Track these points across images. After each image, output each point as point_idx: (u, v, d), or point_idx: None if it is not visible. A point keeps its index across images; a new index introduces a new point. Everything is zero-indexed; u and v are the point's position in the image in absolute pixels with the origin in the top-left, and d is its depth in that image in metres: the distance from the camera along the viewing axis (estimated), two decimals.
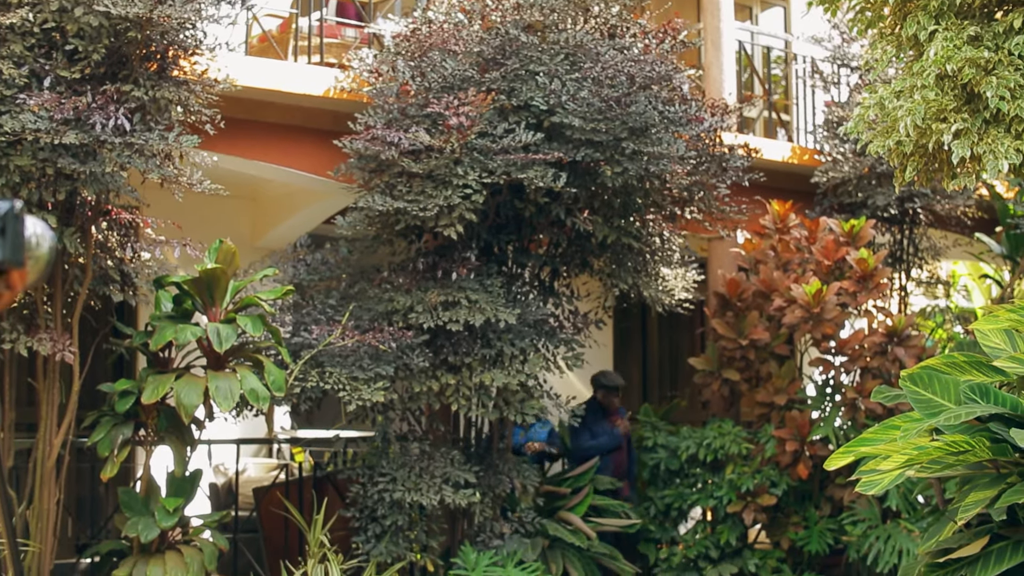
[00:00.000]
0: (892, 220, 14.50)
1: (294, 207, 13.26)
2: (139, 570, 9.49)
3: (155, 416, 9.71)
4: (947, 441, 6.15)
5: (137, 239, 9.75)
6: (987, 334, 6.74)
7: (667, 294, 11.95)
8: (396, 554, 10.57)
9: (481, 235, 10.94)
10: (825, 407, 12.66)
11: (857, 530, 12.22)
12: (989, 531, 6.37)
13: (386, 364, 10.24)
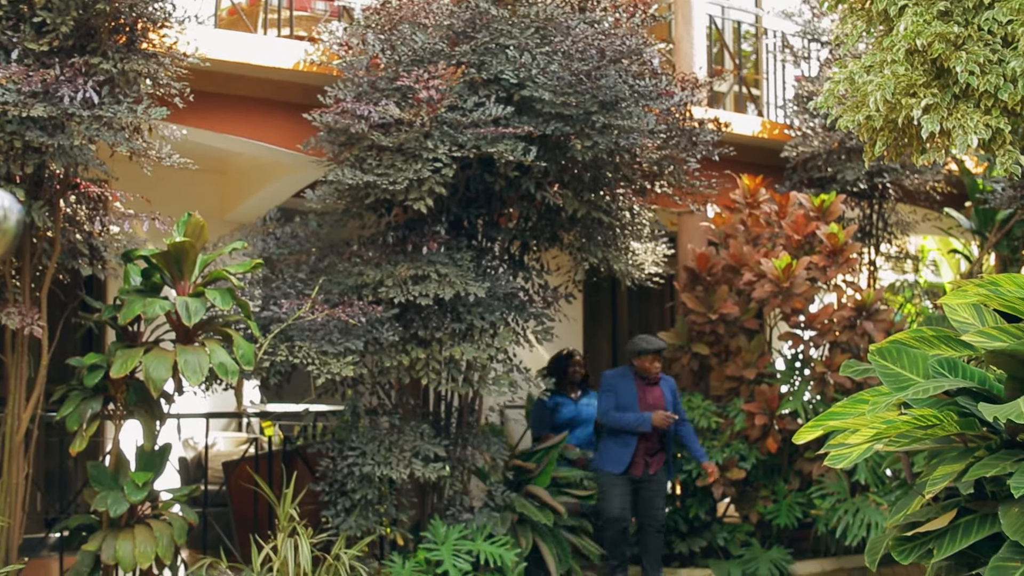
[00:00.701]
0: (862, 195, 14.53)
1: (263, 180, 13.22)
2: (108, 544, 9.48)
3: (124, 390, 9.68)
4: (915, 415, 6.17)
5: (106, 212, 9.70)
6: (956, 308, 6.75)
7: (637, 268, 11.96)
8: (366, 528, 10.57)
9: (451, 209, 10.93)
10: (794, 381, 12.70)
11: (826, 504, 12.28)
12: (957, 505, 6.40)
13: (356, 338, 10.22)
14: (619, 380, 11.95)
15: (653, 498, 11.88)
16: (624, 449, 11.79)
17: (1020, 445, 6.18)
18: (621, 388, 11.88)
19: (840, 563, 12.90)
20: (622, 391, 11.86)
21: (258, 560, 10.13)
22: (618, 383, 11.93)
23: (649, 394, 11.95)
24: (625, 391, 11.87)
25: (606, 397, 11.91)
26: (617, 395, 11.86)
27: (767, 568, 12.13)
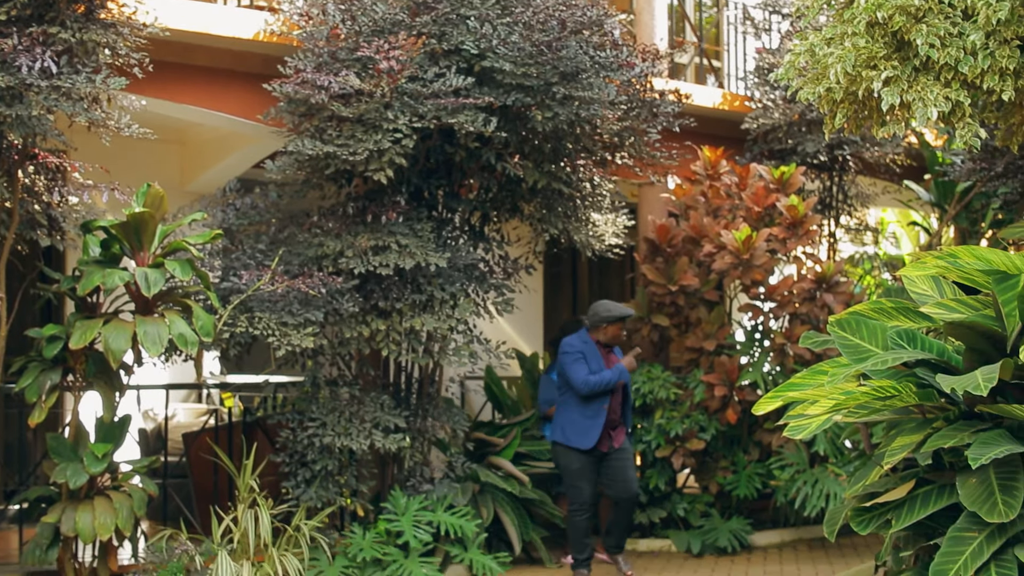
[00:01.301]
0: (822, 167, 14.57)
1: (223, 151, 13.18)
2: (68, 516, 9.45)
3: (83, 361, 9.65)
4: (874, 386, 6.20)
5: (64, 183, 9.65)
6: (915, 281, 6.78)
7: (597, 239, 11.97)
8: (326, 499, 10.58)
9: (411, 180, 10.91)
10: (754, 352, 12.73)
11: (785, 474, 12.33)
12: (915, 475, 6.44)
13: (316, 309, 10.21)
14: (587, 347, 11.24)
15: (625, 468, 11.29)
16: (593, 422, 11.10)
17: (978, 416, 6.22)
18: (590, 355, 11.20)
19: (799, 533, 12.97)
20: (591, 358, 11.20)
21: (218, 531, 10.13)
22: (587, 350, 11.22)
23: (611, 361, 11.38)
24: (594, 358, 11.22)
25: (578, 365, 11.11)
26: (588, 362, 11.17)
27: (726, 538, 12.18)
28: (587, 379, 11.04)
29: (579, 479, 11.14)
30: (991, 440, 5.91)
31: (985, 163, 11.84)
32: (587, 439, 11.07)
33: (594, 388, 11.04)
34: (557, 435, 11.26)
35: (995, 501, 5.89)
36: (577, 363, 11.13)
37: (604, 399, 11.15)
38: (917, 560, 6.59)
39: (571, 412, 11.21)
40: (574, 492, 11.19)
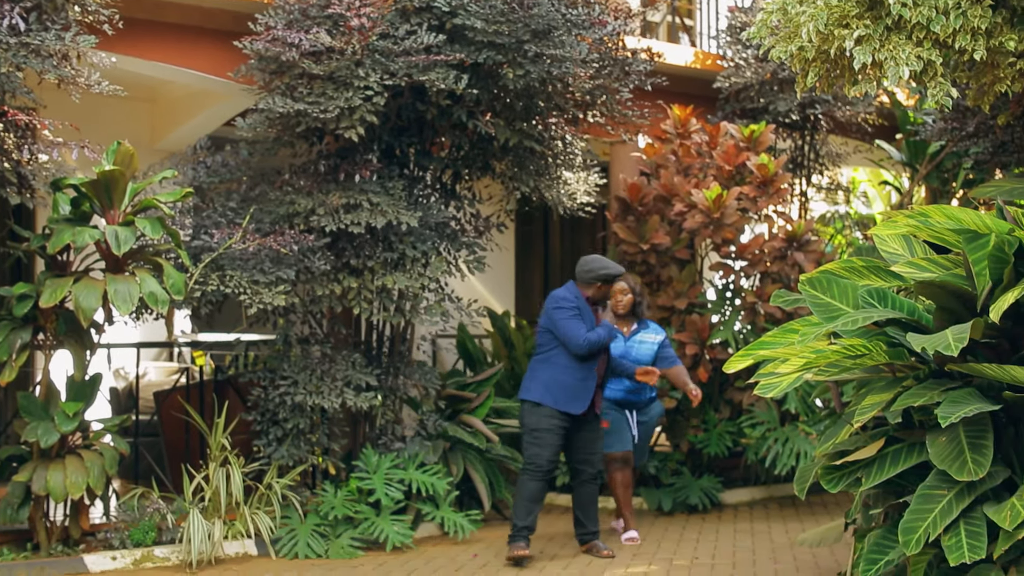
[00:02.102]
0: (793, 126, 14.58)
1: (194, 109, 13.12)
2: (39, 475, 9.44)
3: (54, 320, 9.62)
4: (845, 345, 6.22)
5: (34, 141, 9.60)
6: (885, 240, 6.80)
7: (569, 197, 11.97)
8: (298, 457, 10.59)
9: (383, 138, 10.89)
10: (725, 311, 12.75)
11: (756, 433, 12.38)
12: (885, 434, 6.47)
13: (287, 267, 10.19)
14: (580, 302, 10.32)
15: (594, 440, 10.49)
16: (585, 384, 10.28)
17: (948, 375, 6.25)
18: (584, 310, 10.31)
19: (770, 491, 13.03)
20: (585, 313, 10.32)
21: (190, 490, 10.14)
22: (581, 305, 10.32)
23: (597, 319, 10.47)
24: (587, 315, 10.33)
25: (576, 322, 10.17)
26: (583, 318, 10.28)
27: (697, 496, 12.22)
28: (588, 337, 10.13)
29: (545, 441, 10.15)
30: (961, 399, 5.94)
31: (956, 123, 11.86)
32: (579, 403, 10.20)
33: (593, 347, 10.15)
34: (537, 395, 10.21)
35: (964, 459, 5.92)
36: (574, 319, 10.22)
37: (596, 360, 10.30)
38: (887, 518, 6.63)
39: (559, 372, 10.23)
40: (535, 453, 10.16)
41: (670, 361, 11.30)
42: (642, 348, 11.23)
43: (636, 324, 11.32)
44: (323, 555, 10.20)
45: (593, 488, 10.49)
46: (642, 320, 11.38)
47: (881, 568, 6.25)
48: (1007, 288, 5.97)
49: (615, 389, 11.16)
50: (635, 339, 11.27)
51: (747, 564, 9.82)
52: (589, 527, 10.50)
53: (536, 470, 10.14)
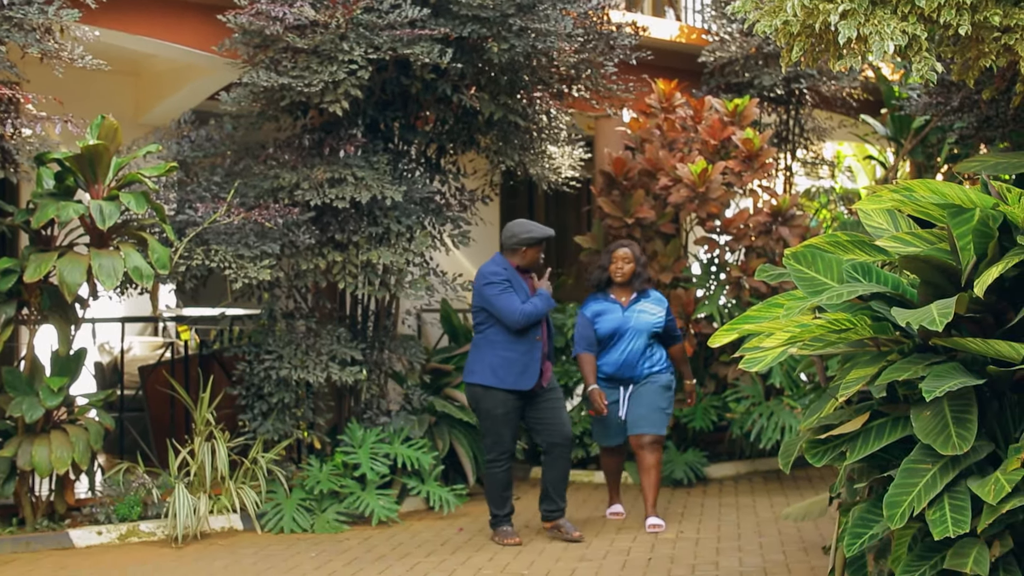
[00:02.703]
0: (778, 101, 14.57)
1: (178, 83, 13.08)
2: (24, 450, 9.44)
3: (38, 295, 9.61)
4: (829, 319, 6.22)
5: (18, 115, 9.57)
6: (870, 214, 6.80)
7: (554, 172, 11.96)
8: (283, 431, 10.60)
9: (367, 112, 10.87)
10: (710, 285, 12.77)
11: (741, 407, 12.40)
12: (869, 408, 6.48)
13: (272, 242, 10.19)
14: (512, 274, 9.91)
15: (557, 409, 10.08)
16: (529, 357, 9.88)
17: (932, 349, 6.26)
18: (516, 282, 9.88)
19: (754, 465, 13.06)
20: (517, 284, 9.89)
21: (175, 464, 10.15)
22: (513, 277, 9.89)
23: (528, 283, 10.07)
24: (520, 286, 9.90)
25: (509, 296, 9.77)
26: (515, 289, 9.86)
27: (683, 470, 12.24)
28: (523, 310, 9.74)
29: (503, 425, 9.83)
30: (945, 373, 5.95)
31: (941, 97, 11.84)
32: (527, 378, 9.83)
33: (530, 319, 9.75)
34: (485, 377, 9.83)
35: (949, 434, 5.93)
36: (506, 293, 9.79)
37: (536, 330, 9.89)
38: (871, 492, 6.64)
39: (500, 349, 9.84)
40: (496, 440, 9.88)
41: (672, 339, 10.81)
42: (642, 319, 10.61)
43: (636, 294, 10.70)
44: (309, 529, 10.22)
45: (566, 464, 10.06)
46: (643, 290, 10.75)
47: (865, 542, 6.27)
48: (991, 263, 5.98)
49: (605, 362, 10.58)
50: (635, 309, 10.64)
51: (732, 538, 9.85)
52: (558, 503, 10.03)
53: (501, 455, 9.87)
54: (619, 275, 10.67)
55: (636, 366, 10.58)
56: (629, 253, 10.72)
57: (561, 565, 8.98)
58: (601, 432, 10.82)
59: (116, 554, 9.43)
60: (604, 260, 10.80)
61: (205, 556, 9.38)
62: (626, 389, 10.64)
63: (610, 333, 10.56)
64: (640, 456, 10.50)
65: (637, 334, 10.57)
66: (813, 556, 9.04)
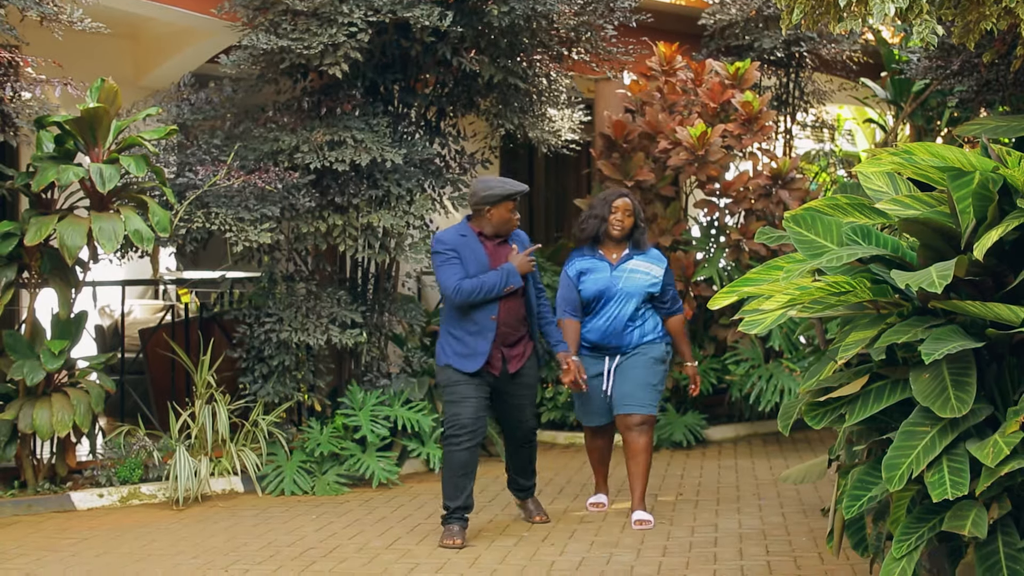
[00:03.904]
0: (778, 63, 14.55)
1: (177, 46, 13.05)
2: (25, 413, 9.47)
3: (39, 258, 9.61)
4: (829, 282, 6.23)
5: (17, 78, 9.56)
6: (870, 177, 6.80)
7: (553, 135, 11.95)
8: (283, 394, 10.62)
9: (367, 74, 10.85)
10: (710, 248, 12.78)
11: (740, 369, 12.42)
12: (869, 370, 6.49)
13: (272, 204, 10.19)
14: (461, 243, 8.77)
15: (520, 405, 9.02)
16: (478, 339, 8.72)
17: (931, 312, 6.27)
18: (467, 253, 8.73)
19: (754, 428, 13.09)
20: (469, 257, 8.72)
21: (176, 427, 10.18)
22: (461, 247, 8.75)
23: (500, 255, 8.87)
24: (472, 256, 8.74)
25: (449, 267, 8.67)
26: (464, 263, 8.71)
27: (682, 433, 12.26)
28: (459, 285, 8.59)
29: (459, 402, 8.67)
30: (944, 336, 5.96)
31: (941, 61, 11.83)
32: (472, 360, 8.69)
33: (469, 297, 8.60)
34: (438, 351, 8.89)
35: (948, 396, 5.95)
36: (447, 265, 8.71)
37: (490, 308, 8.69)
38: (870, 454, 6.66)
39: (448, 326, 8.85)
40: (452, 413, 8.68)
41: (671, 308, 9.53)
42: (634, 280, 9.34)
43: (628, 250, 9.42)
44: (309, 492, 10.25)
45: (528, 451, 9.22)
46: (638, 246, 9.47)
47: (864, 504, 6.29)
48: (991, 226, 5.98)
49: (589, 329, 9.42)
50: (625, 268, 9.36)
51: (731, 500, 9.88)
52: (523, 482, 9.29)
53: (458, 432, 8.58)
54: (618, 228, 9.39)
55: (624, 334, 9.32)
56: (630, 204, 9.46)
57: (562, 527, 9.02)
58: (583, 410, 9.59)
59: (117, 516, 9.47)
60: (601, 210, 9.45)
61: (206, 518, 9.41)
62: (612, 360, 9.38)
63: (595, 295, 9.32)
64: (627, 439, 9.27)
65: (627, 297, 9.29)
66: (812, 518, 9.07)
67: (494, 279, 8.62)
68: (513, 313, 8.83)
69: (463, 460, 8.56)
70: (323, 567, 7.87)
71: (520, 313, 8.91)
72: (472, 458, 8.59)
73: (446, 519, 8.59)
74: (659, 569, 7.69)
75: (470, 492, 8.62)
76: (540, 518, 9.22)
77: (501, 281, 8.65)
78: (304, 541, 8.60)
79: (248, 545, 8.50)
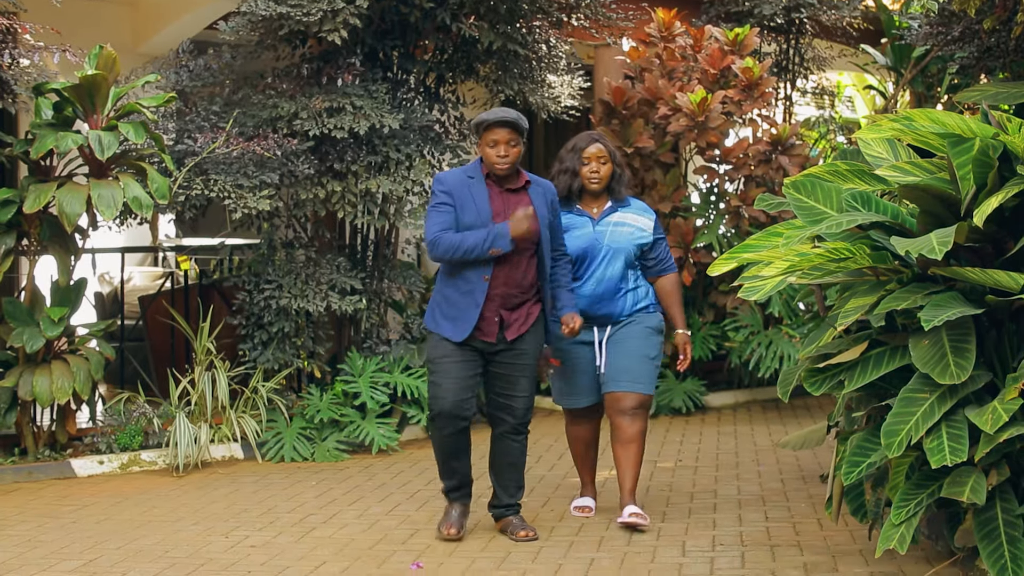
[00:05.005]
0: (778, 30, 14.51)
1: (176, 12, 13.03)
2: (25, 380, 9.47)
3: (38, 225, 9.61)
4: (829, 248, 6.23)
5: (16, 45, 9.53)
6: (870, 143, 6.80)
7: (553, 101, 11.93)
8: (283, 360, 10.63)
9: (366, 41, 10.83)
10: (709, 215, 12.77)
11: (739, 336, 12.42)
12: (868, 337, 6.50)
13: (271, 171, 10.18)
14: (461, 186, 7.55)
15: (512, 378, 7.62)
16: (468, 300, 7.49)
17: (931, 279, 6.27)
18: (465, 198, 7.51)
19: (753, 394, 13.10)
20: (467, 203, 7.50)
21: (176, 394, 10.18)
22: (460, 191, 7.54)
23: (510, 206, 7.56)
24: (469, 202, 7.50)
25: (435, 215, 7.48)
26: (459, 209, 7.50)
27: (681, 399, 12.28)
28: (437, 238, 7.43)
29: (443, 375, 7.51)
30: (944, 302, 5.97)
31: (942, 27, 11.79)
32: (458, 326, 7.49)
33: (445, 254, 7.43)
34: (427, 315, 7.76)
35: (947, 363, 5.96)
36: (435, 210, 7.53)
37: (485, 270, 7.44)
38: (869, 420, 6.68)
39: (441, 284, 7.69)
40: (433, 394, 7.56)
41: (663, 266, 8.24)
42: (620, 234, 8.06)
43: (611, 202, 8.14)
44: (309, 458, 10.27)
45: (511, 446, 7.72)
46: (621, 198, 8.18)
47: (863, 470, 6.30)
48: (991, 192, 5.98)
49: None
50: (608, 222, 8.08)
51: (730, 467, 9.89)
52: (502, 499, 7.80)
53: (439, 414, 7.51)
54: (594, 180, 8.06)
55: (616, 299, 8.06)
56: (603, 150, 8.07)
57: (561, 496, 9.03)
58: (566, 389, 8.23)
59: (118, 483, 9.49)
60: (571, 162, 8.12)
61: (206, 485, 9.42)
62: (603, 331, 8.11)
63: (577, 255, 7.99)
64: (618, 424, 7.98)
65: (614, 255, 7.99)
66: (811, 484, 9.09)
67: (475, 240, 7.35)
68: (516, 275, 7.50)
69: (448, 445, 7.58)
70: (323, 533, 7.88)
71: (526, 277, 7.55)
72: (458, 442, 7.57)
73: (448, 496, 7.78)
74: (658, 536, 7.70)
75: (466, 469, 7.70)
76: (525, 533, 7.64)
77: (484, 243, 7.34)
78: (304, 507, 8.62)
79: (248, 511, 8.52)
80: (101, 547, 7.59)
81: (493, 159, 7.46)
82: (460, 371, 7.46)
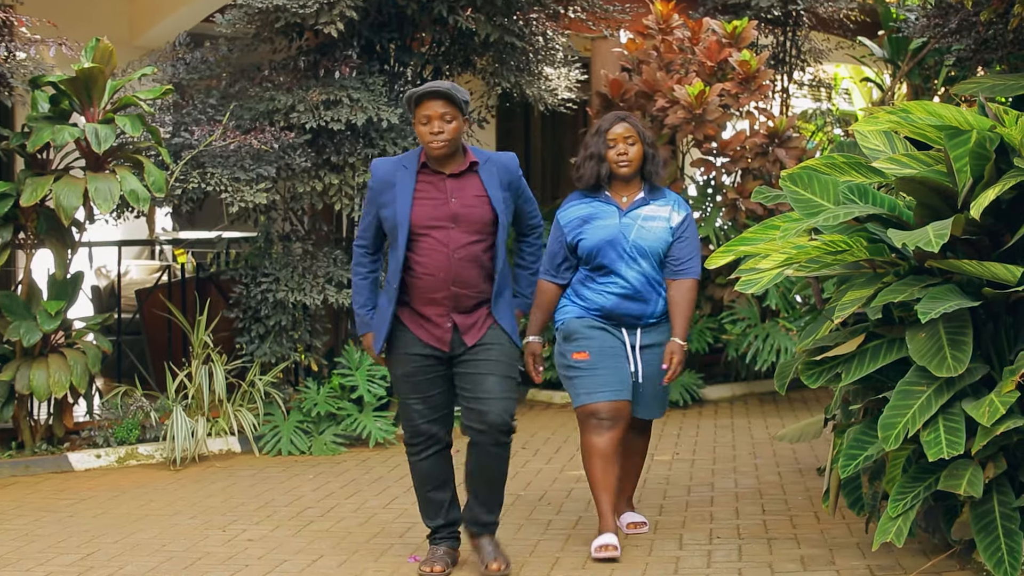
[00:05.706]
0: (775, 22, 14.50)
1: (173, 5, 13.02)
2: (23, 374, 9.47)
3: (34, 219, 9.60)
4: (826, 241, 6.23)
5: (12, 38, 9.53)
6: (867, 136, 6.79)
7: (550, 93, 11.92)
8: (280, 354, 10.62)
9: (363, 33, 10.82)
10: (706, 207, 12.76)
11: (736, 329, 12.41)
12: (865, 330, 6.50)
13: (268, 164, 10.17)
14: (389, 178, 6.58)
15: (481, 378, 6.58)
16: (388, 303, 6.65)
17: (928, 271, 6.27)
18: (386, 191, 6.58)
19: (750, 387, 13.10)
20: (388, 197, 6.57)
21: (173, 387, 10.19)
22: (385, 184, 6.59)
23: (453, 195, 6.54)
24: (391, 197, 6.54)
25: (364, 213, 6.78)
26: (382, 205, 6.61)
27: (678, 392, 12.27)
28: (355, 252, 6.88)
29: (409, 392, 6.69)
30: (941, 295, 5.97)
31: (939, 19, 11.78)
32: (378, 333, 6.71)
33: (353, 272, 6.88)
34: None
35: (944, 356, 5.96)
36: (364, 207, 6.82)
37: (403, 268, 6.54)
38: (866, 413, 6.68)
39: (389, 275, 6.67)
40: (404, 416, 6.78)
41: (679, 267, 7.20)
42: (646, 232, 7.13)
43: (643, 192, 7.21)
44: (306, 451, 10.27)
45: (486, 459, 6.64)
46: (654, 187, 7.26)
47: (860, 463, 6.30)
48: (988, 185, 5.98)
49: (598, 291, 7.15)
50: (637, 214, 7.15)
51: (727, 460, 9.89)
52: (478, 514, 6.77)
53: (413, 437, 6.75)
54: (624, 163, 7.12)
55: (644, 301, 7.16)
56: (631, 129, 7.12)
57: (559, 487, 9.03)
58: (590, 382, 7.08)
59: (115, 477, 9.48)
60: (596, 146, 7.16)
61: (203, 478, 9.43)
62: (632, 333, 7.21)
63: (595, 249, 7.09)
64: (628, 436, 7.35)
65: (638, 253, 7.09)
66: (808, 477, 9.09)
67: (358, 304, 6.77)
68: (469, 275, 6.54)
69: (427, 471, 6.77)
70: (320, 526, 7.89)
71: (478, 270, 6.58)
72: (438, 467, 6.77)
73: (430, 538, 6.88)
74: (655, 527, 7.70)
75: (451, 503, 6.84)
76: (497, 566, 6.61)
77: (359, 318, 6.78)
78: (301, 501, 8.62)
79: (245, 505, 8.52)
80: (98, 541, 7.59)
81: (426, 137, 6.44)
82: (429, 389, 6.65)
